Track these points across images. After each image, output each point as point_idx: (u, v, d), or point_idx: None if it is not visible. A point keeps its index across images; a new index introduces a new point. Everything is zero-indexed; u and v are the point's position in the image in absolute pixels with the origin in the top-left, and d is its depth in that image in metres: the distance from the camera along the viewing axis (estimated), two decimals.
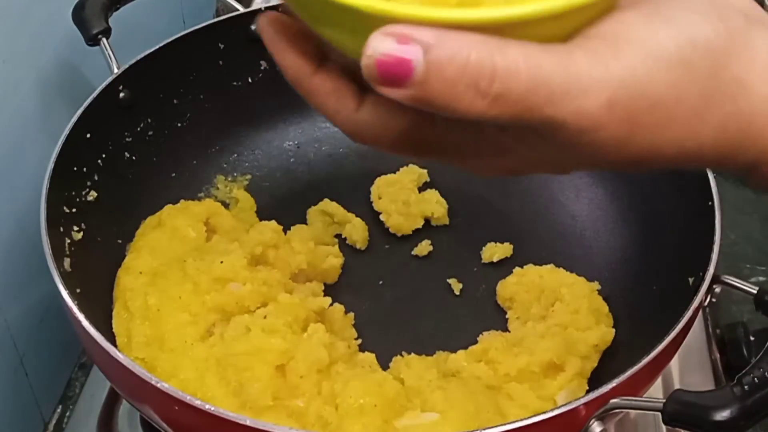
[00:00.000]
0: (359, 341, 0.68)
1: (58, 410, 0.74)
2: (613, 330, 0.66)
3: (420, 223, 0.78)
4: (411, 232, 0.78)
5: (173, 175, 0.77)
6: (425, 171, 0.81)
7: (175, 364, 0.60)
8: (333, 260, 0.73)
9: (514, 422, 0.49)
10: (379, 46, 0.27)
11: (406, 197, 0.78)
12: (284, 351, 0.60)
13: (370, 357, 0.65)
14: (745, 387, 0.47)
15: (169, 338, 0.61)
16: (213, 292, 0.64)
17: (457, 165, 0.35)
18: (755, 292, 0.59)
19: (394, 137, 0.32)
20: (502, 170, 0.34)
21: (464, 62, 0.27)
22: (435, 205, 0.78)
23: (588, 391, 0.62)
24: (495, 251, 0.75)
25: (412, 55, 0.27)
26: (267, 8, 0.32)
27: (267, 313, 0.63)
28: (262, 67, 0.81)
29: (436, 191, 0.79)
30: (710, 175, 0.64)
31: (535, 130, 0.30)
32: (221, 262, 0.65)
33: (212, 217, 0.73)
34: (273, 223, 0.72)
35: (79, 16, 0.70)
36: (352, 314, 0.69)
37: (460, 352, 0.66)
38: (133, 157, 0.73)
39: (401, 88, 0.28)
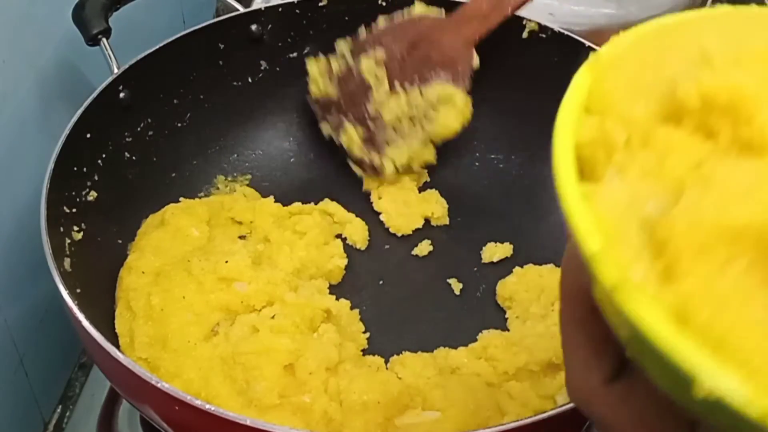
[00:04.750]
0: (367, 335, 0.68)
1: (58, 410, 0.74)
2: None
3: (420, 223, 0.78)
4: (411, 232, 0.78)
5: (173, 175, 0.77)
6: (425, 171, 0.81)
7: (179, 364, 0.60)
8: (337, 261, 0.73)
9: (514, 421, 0.50)
10: None
11: (406, 197, 0.78)
12: (293, 351, 0.60)
13: (378, 360, 0.65)
14: None
15: (172, 338, 0.61)
16: (218, 292, 0.64)
17: None
18: None
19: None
20: None
21: None
22: (435, 205, 0.78)
23: None
24: (495, 251, 0.75)
25: None
26: None
27: (274, 312, 0.63)
28: (262, 67, 0.81)
29: (436, 191, 0.79)
30: None
31: None
32: (226, 261, 0.65)
33: (213, 218, 0.74)
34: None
35: (79, 16, 0.70)
36: (357, 310, 0.70)
37: (461, 349, 0.66)
38: (133, 157, 0.73)
39: None
